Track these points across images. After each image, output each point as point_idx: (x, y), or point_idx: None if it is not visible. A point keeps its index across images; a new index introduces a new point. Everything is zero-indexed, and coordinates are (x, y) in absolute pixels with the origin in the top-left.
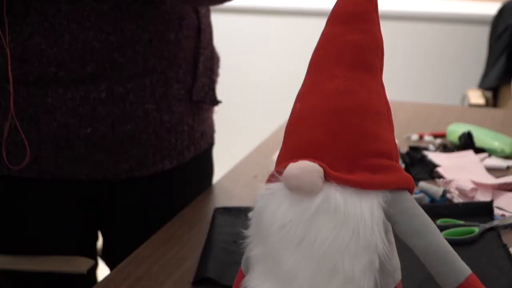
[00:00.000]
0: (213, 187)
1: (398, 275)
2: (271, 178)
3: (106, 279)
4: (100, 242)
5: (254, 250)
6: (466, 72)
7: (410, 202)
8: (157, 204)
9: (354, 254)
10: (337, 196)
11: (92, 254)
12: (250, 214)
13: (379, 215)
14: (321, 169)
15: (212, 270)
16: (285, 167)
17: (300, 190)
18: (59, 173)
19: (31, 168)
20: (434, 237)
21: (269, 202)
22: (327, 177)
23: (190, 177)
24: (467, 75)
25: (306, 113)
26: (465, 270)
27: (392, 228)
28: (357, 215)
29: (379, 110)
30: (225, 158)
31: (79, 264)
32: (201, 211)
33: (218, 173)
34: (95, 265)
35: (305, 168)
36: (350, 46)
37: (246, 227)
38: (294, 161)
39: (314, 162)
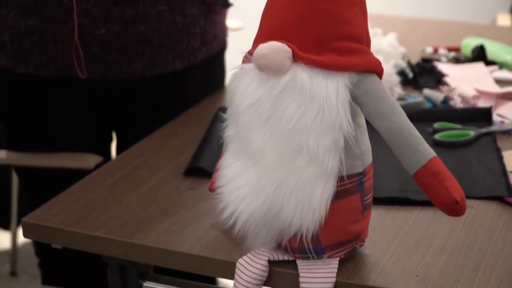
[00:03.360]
0: (224, 89)
1: (367, 158)
2: (245, 60)
3: (103, 168)
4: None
5: (229, 131)
6: None
7: (376, 85)
8: (170, 105)
9: (318, 133)
10: (304, 76)
11: (106, 155)
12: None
13: (344, 96)
14: (289, 50)
15: (205, 161)
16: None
17: (268, 69)
18: (74, 72)
19: (48, 67)
20: (398, 119)
21: (241, 83)
22: (296, 58)
23: (202, 79)
24: None
25: None
26: (429, 152)
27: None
28: (323, 95)
29: None
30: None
31: (86, 161)
32: (207, 110)
33: None
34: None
35: (273, 48)
36: None
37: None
38: (265, 42)
39: (283, 43)
